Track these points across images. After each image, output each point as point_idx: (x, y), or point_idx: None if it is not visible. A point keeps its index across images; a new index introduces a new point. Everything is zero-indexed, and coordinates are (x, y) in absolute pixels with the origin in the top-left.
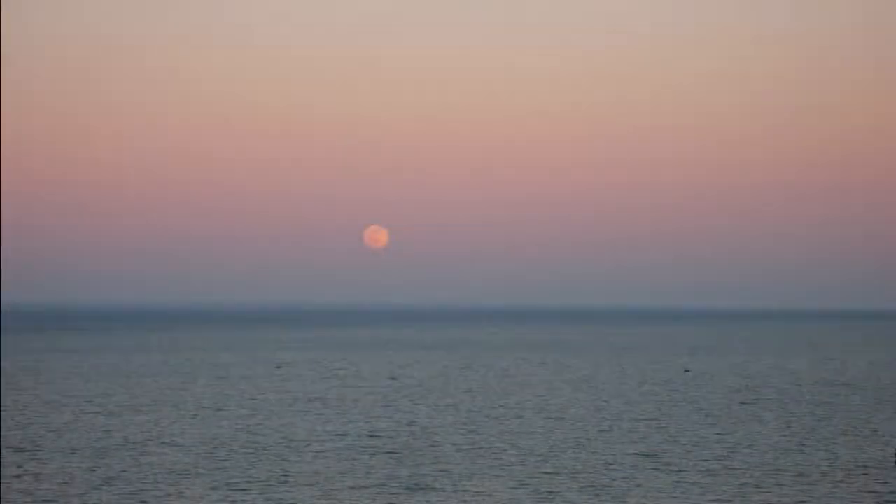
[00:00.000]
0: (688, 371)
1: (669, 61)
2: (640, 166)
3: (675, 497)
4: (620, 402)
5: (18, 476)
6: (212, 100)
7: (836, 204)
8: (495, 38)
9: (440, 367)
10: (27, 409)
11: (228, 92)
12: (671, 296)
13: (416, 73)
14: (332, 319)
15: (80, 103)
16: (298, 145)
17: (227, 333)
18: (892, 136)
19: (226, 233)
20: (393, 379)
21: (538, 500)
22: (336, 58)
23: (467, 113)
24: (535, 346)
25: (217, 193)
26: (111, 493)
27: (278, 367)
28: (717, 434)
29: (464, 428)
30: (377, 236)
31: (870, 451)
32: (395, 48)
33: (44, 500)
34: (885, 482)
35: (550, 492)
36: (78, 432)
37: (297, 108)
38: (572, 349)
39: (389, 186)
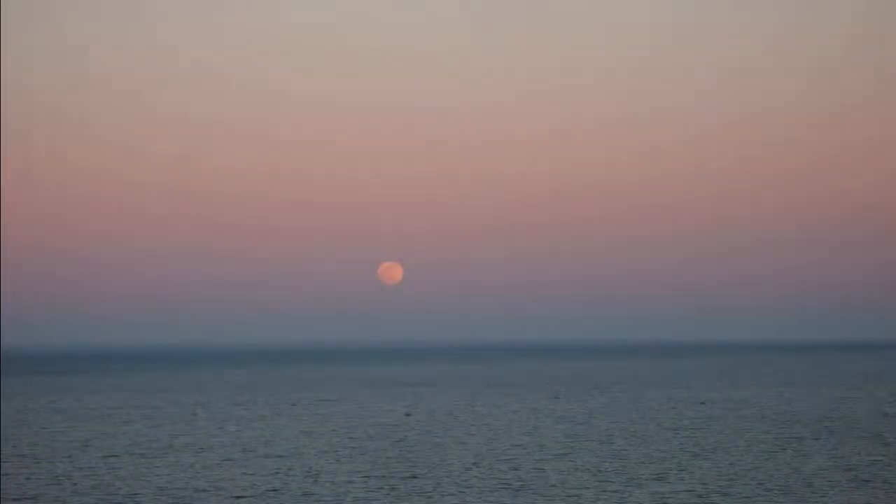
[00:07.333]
0: (703, 403)
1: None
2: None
3: None
4: (629, 436)
5: None
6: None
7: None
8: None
9: (456, 404)
10: (27, 457)
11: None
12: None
13: (434, 105)
14: (346, 357)
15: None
16: (309, 179)
17: (239, 373)
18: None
19: (236, 271)
20: (408, 415)
21: None
22: (348, 85)
23: (483, 145)
24: (555, 380)
25: (226, 231)
26: None
27: (293, 405)
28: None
29: (475, 467)
30: (392, 272)
31: None
32: (409, 79)
33: None
34: None
35: None
36: (84, 479)
37: (307, 139)
38: (588, 383)
39: (404, 221)
